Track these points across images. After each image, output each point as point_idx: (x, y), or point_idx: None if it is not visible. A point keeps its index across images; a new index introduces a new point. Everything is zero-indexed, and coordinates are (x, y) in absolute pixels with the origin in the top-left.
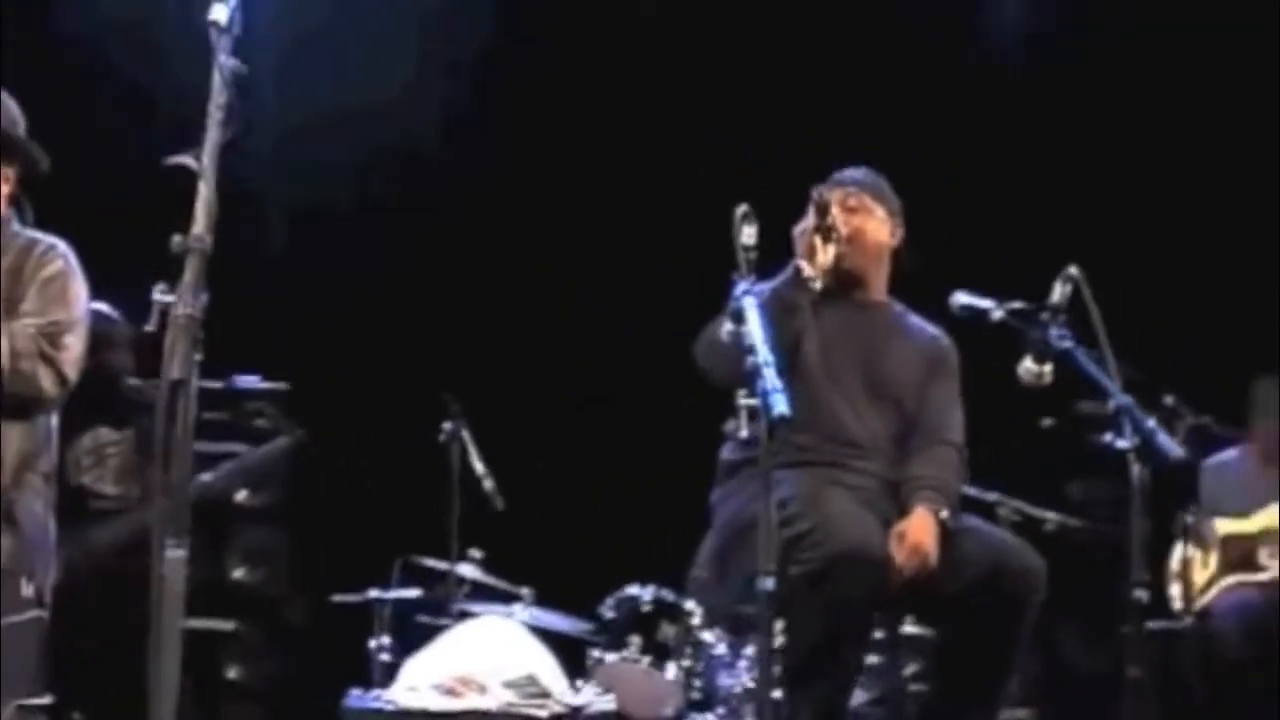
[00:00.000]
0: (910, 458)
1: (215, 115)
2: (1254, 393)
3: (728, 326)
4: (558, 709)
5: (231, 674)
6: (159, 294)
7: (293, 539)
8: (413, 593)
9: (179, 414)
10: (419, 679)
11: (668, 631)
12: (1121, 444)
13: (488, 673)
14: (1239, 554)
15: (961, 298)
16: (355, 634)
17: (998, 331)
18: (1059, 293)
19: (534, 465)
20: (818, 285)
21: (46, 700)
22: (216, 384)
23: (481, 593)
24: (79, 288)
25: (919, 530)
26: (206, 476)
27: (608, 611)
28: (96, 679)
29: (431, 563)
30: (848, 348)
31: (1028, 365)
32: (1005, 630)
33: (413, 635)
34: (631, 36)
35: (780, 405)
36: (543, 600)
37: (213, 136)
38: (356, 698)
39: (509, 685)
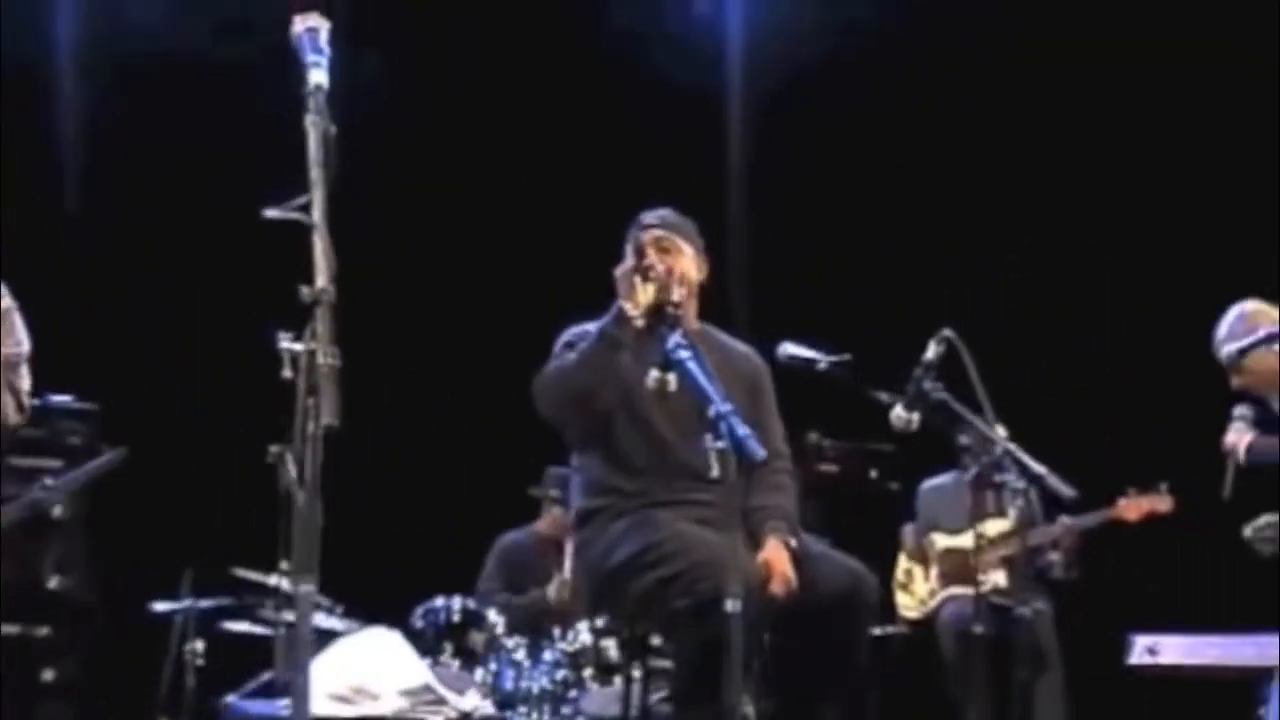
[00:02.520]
0: (752, 487)
1: (317, 174)
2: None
3: (654, 374)
4: (452, 715)
5: (46, 676)
6: (287, 342)
7: (109, 550)
8: (222, 601)
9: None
10: (313, 688)
11: (476, 639)
12: (1015, 483)
13: (382, 681)
14: (956, 567)
15: (789, 348)
16: (165, 641)
17: (822, 381)
18: (933, 351)
19: (353, 484)
20: (640, 323)
21: None
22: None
23: (290, 602)
24: (21, 320)
25: (781, 560)
26: (36, 492)
27: (418, 621)
28: None
29: (245, 574)
30: (680, 395)
31: (899, 412)
32: (859, 634)
33: (222, 642)
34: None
35: (760, 450)
36: (350, 611)
37: (319, 194)
38: (239, 704)
39: (405, 694)
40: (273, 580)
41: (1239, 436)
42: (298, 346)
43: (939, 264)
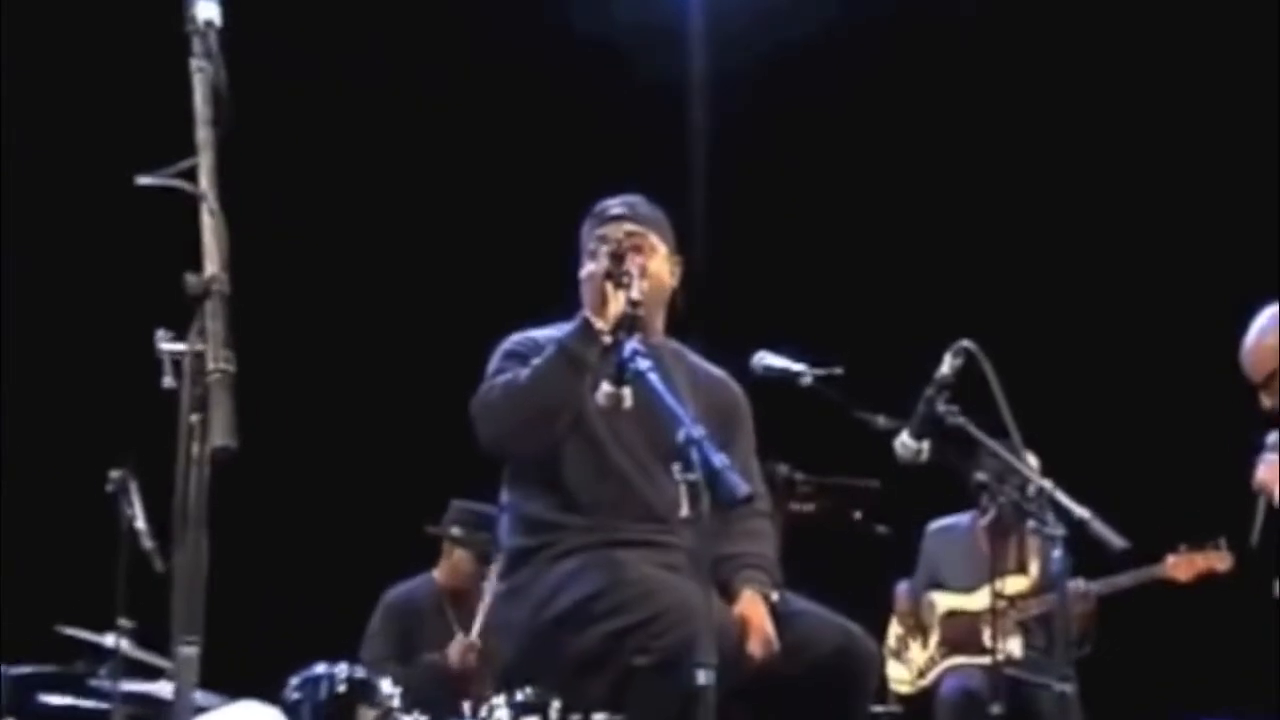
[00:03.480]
0: (723, 530)
1: (205, 133)
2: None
3: (605, 389)
4: None
5: None
6: (167, 343)
7: None
8: (42, 669)
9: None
10: None
11: (366, 716)
12: (1053, 530)
13: None
14: (962, 633)
15: (766, 359)
16: None
17: (806, 399)
18: (948, 365)
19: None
20: (608, 339)
21: None
22: None
23: (130, 669)
24: None
25: (759, 616)
26: None
27: (293, 694)
28: None
29: (72, 632)
30: (637, 415)
31: (905, 441)
32: (856, 708)
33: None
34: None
35: (742, 485)
36: (211, 682)
37: (208, 157)
38: None
39: None
40: (109, 640)
41: (1271, 471)
42: (181, 348)
43: (938, 268)
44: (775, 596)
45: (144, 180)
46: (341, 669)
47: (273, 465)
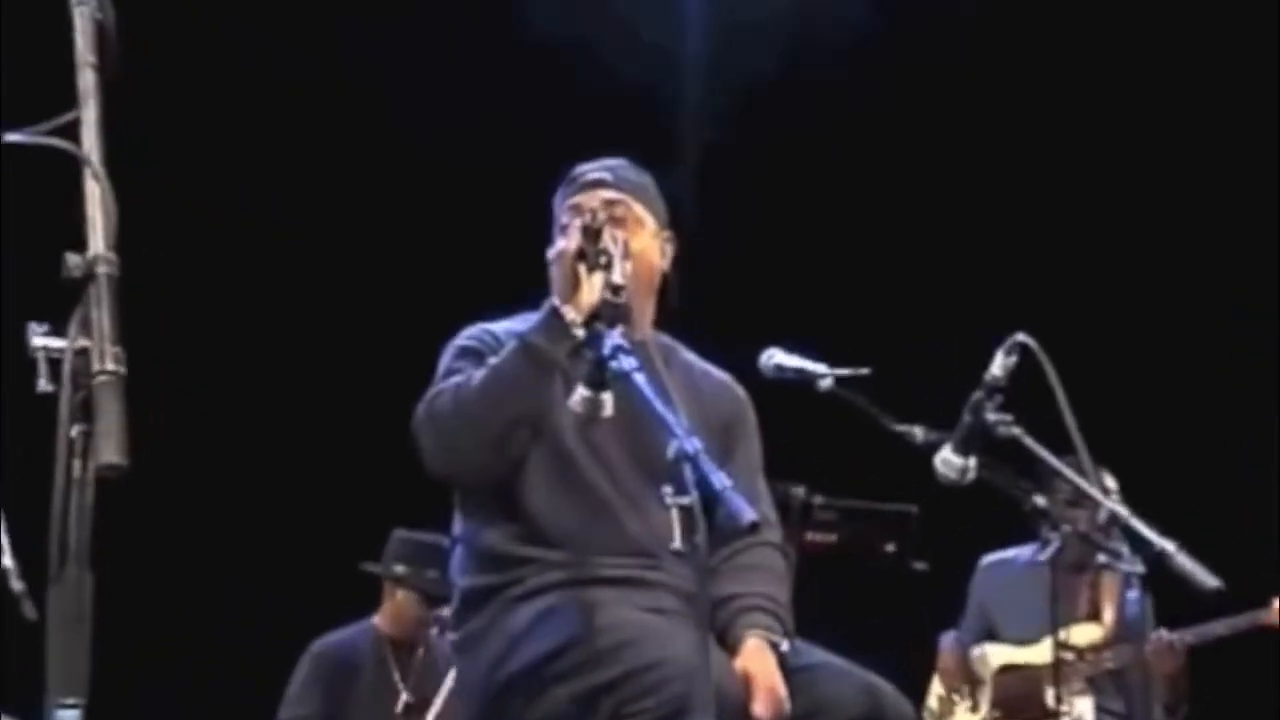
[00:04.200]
0: (724, 568)
1: (88, 74)
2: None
3: (582, 392)
4: None
5: None
6: (42, 338)
7: None
8: None
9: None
10: None
11: None
12: (1131, 567)
13: None
14: (1020, 692)
15: (778, 357)
16: None
17: (826, 405)
18: (1000, 365)
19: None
20: (580, 332)
21: None
22: None
23: None
24: None
25: (767, 670)
26: None
27: None
28: None
29: None
30: (618, 424)
31: (948, 457)
32: None
33: None
34: None
35: (747, 511)
36: None
37: (92, 111)
38: None
39: None
40: None
41: None
42: (59, 344)
43: (977, 248)
44: (786, 646)
45: (12, 138)
46: None
47: (173, 488)
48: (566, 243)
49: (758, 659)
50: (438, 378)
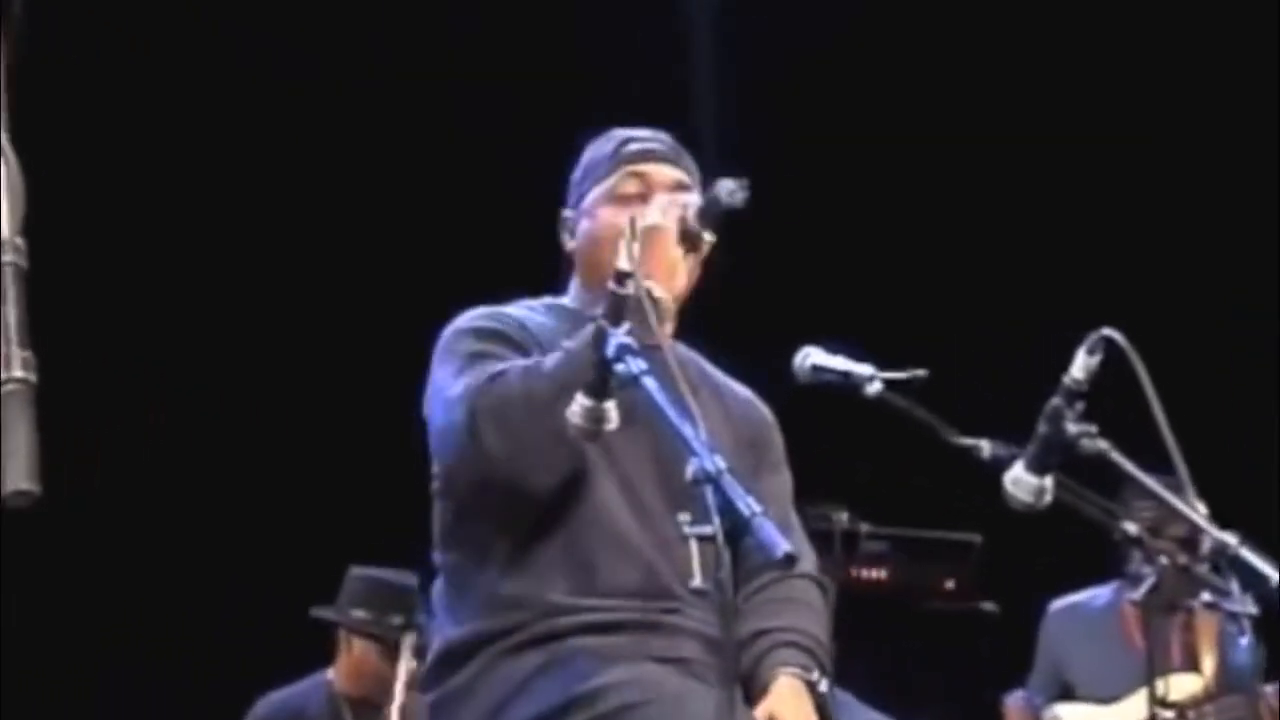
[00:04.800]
0: (753, 600)
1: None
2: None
3: (582, 401)
4: None
5: None
6: None
7: None
8: None
9: None
10: None
11: None
12: (1238, 607)
13: None
14: None
15: (815, 357)
16: None
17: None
18: (1083, 366)
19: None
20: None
21: None
22: None
23: None
24: None
25: (802, 714)
26: None
27: None
28: None
29: None
30: (637, 438)
31: (1019, 476)
32: None
33: None
34: None
35: (780, 542)
36: None
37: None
38: None
39: None
40: None
41: None
42: None
43: (1037, 234)
44: (825, 687)
45: None
46: None
47: (90, 517)
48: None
49: (790, 701)
50: (457, 362)
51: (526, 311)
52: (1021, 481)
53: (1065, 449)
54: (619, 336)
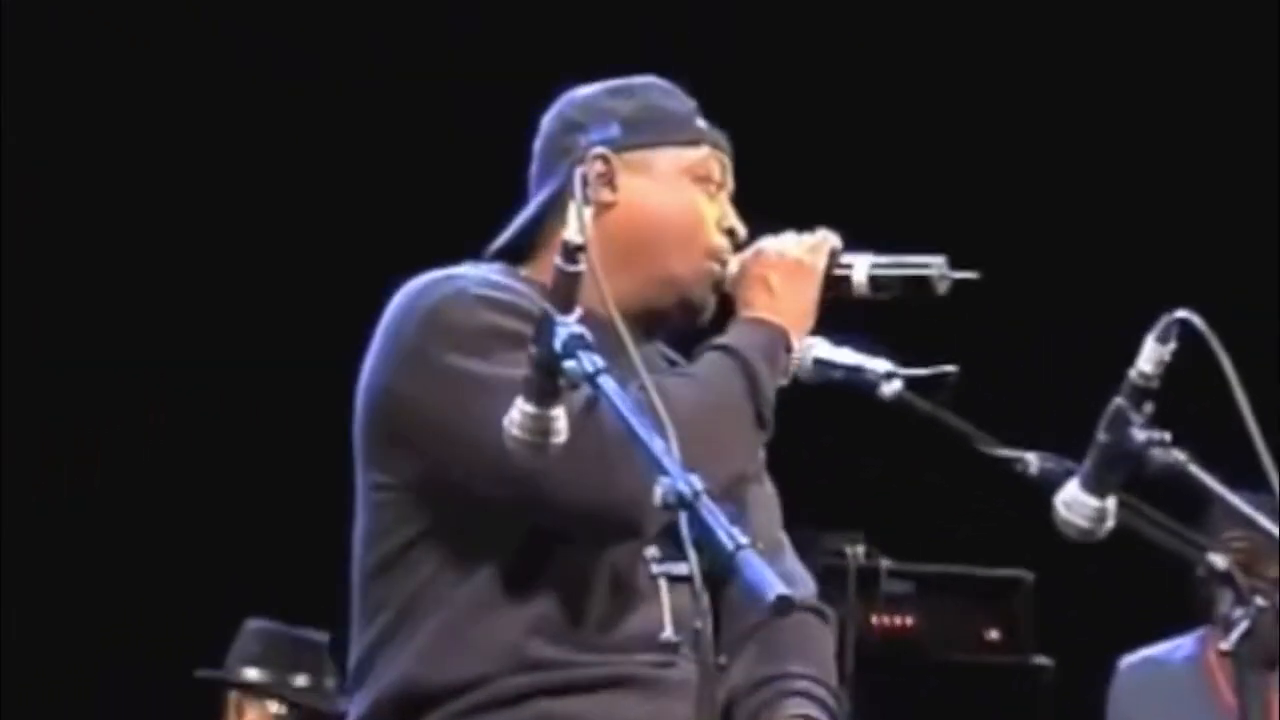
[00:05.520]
0: (743, 644)
1: None
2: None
3: (523, 408)
4: None
5: None
6: None
7: None
8: None
9: None
10: None
11: None
12: None
13: None
14: None
15: (819, 349)
16: None
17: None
18: (1152, 357)
19: None
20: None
21: None
22: None
23: None
24: None
25: None
26: None
27: None
28: None
29: None
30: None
31: (1077, 498)
32: None
33: None
34: None
35: (773, 582)
36: None
37: None
38: None
39: None
40: None
41: None
42: None
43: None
44: None
45: None
46: None
47: (90, 517)
48: (786, 244)
49: None
50: (492, 350)
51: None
52: (1077, 504)
53: (1132, 462)
54: (569, 325)
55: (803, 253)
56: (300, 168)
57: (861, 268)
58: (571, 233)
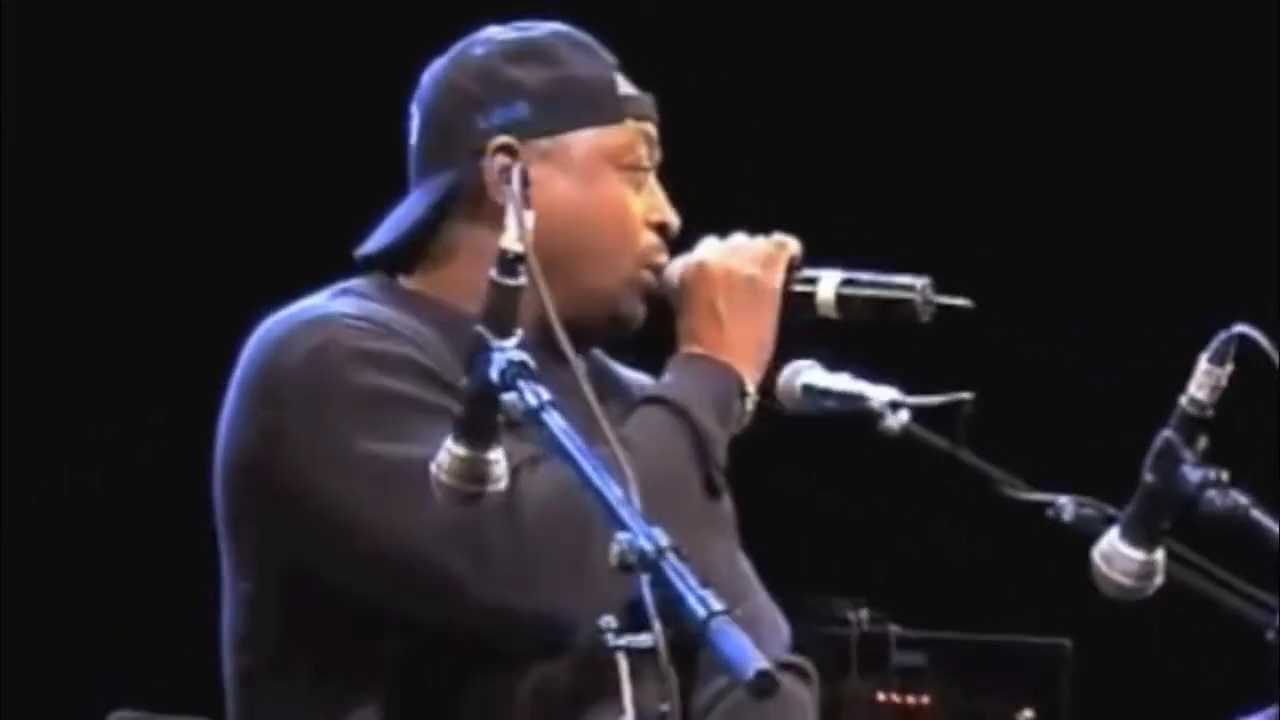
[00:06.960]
0: (717, 708)
1: None
2: None
3: (453, 450)
4: None
5: None
6: None
7: None
8: None
9: None
10: None
11: None
12: None
13: None
14: None
15: (808, 375)
16: None
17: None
18: (1206, 380)
19: None
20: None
21: None
22: None
23: None
24: None
25: None
26: None
27: None
28: None
29: None
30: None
31: (1120, 548)
32: None
33: None
34: None
35: (753, 657)
36: None
37: None
38: None
39: None
40: None
41: None
42: None
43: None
44: None
45: None
46: None
47: (90, 517)
48: (740, 258)
49: None
50: (377, 418)
51: (396, 317)
52: (1119, 556)
53: (1183, 506)
54: (508, 351)
55: (755, 268)
56: (300, 168)
57: (828, 285)
58: (510, 240)
